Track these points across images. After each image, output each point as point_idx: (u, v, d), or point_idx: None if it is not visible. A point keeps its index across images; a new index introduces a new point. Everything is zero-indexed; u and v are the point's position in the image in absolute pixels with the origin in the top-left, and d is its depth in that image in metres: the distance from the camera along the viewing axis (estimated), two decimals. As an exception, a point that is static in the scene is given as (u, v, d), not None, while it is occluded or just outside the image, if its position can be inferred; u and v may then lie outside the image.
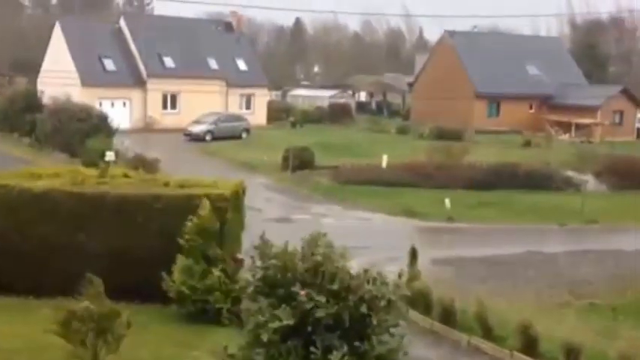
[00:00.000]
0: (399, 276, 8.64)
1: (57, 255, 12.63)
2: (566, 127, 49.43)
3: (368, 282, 7.22)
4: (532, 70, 55.66)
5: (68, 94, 39.43)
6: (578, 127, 49.19)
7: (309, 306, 6.93)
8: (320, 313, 6.92)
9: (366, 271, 7.36)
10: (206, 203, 12.24)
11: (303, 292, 7.01)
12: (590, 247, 22.78)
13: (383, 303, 7.14)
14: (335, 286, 7.07)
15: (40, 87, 47.20)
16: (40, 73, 51.41)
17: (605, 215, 26.74)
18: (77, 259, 12.27)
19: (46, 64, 50.97)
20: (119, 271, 11.90)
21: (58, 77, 45.28)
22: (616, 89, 52.88)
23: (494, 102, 53.42)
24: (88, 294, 9.48)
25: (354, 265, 7.48)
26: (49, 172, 14.02)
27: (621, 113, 51.98)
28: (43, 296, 11.99)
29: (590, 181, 31.73)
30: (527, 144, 42.72)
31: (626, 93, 52.51)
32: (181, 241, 12.10)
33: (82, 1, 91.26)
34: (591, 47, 71.01)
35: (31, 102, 39.53)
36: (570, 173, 32.62)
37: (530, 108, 54.11)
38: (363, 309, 7.03)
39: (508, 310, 14.02)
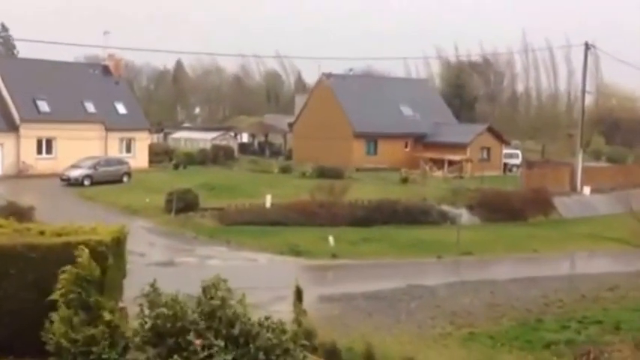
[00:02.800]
0: (299, 324, 8.60)
1: None
2: (439, 163, 52.19)
3: (267, 330, 7.23)
4: (406, 110, 58.58)
5: None
6: (450, 163, 52.10)
7: (202, 355, 6.82)
8: (218, 358, 6.83)
9: (267, 318, 7.39)
10: (85, 252, 11.93)
11: (198, 342, 6.90)
12: (467, 277, 24.12)
13: (279, 351, 7.16)
14: (235, 332, 7.03)
15: None
16: None
17: (478, 246, 28.45)
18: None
19: None
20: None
21: None
22: (483, 127, 56.62)
23: (372, 141, 55.56)
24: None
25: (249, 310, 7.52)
26: None
27: (488, 150, 55.65)
28: None
29: (463, 215, 33.74)
30: (405, 180, 44.60)
31: (491, 130, 56.35)
32: (60, 291, 11.68)
33: None
34: (460, 87, 76.08)
35: None
36: (445, 207, 34.47)
37: (406, 146, 56.70)
38: (261, 357, 7.02)
39: (393, 344, 14.52)
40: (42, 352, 11.64)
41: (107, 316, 11.79)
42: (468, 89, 78.06)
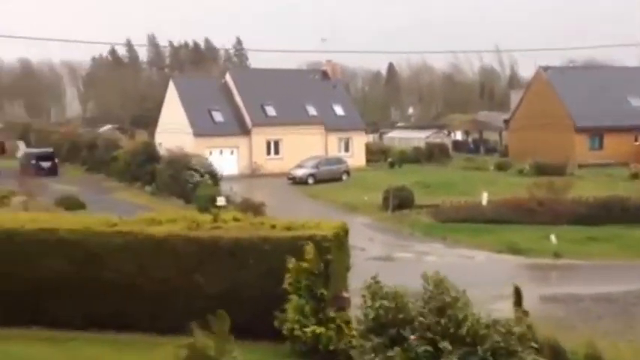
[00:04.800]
0: (524, 325, 8.22)
1: (177, 296, 13.61)
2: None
3: (496, 331, 7.08)
4: (635, 101, 53.53)
5: (182, 144, 42.18)
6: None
7: (420, 350, 6.88)
8: None
9: (496, 321, 7.23)
10: (311, 246, 12.82)
11: (413, 337, 6.97)
12: None
13: (506, 353, 6.99)
14: (463, 332, 6.91)
15: (157, 139, 50.78)
16: (157, 127, 55.40)
17: None
18: (196, 300, 13.24)
19: (163, 119, 54.91)
20: (232, 309, 12.72)
21: (173, 130, 48.56)
22: None
23: (597, 135, 51.71)
24: (214, 330, 10.23)
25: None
26: (168, 218, 15.09)
27: None
28: (166, 333, 13.03)
29: None
30: (635, 176, 40.92)
31: None
32: (289, 281, 12.69)
33: (190, 60, 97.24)
34: None
35: (150, 153, 42.53)
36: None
37: (636, 140, 51.89)
38: (489, 358, 6.87)
39: (626, 351, 13.54)
40: (275, 336, 12.81)
41: (332, 313, 12.63)
42: None
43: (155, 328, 13.41)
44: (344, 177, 45.58)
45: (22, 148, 60.20)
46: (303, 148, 48.70)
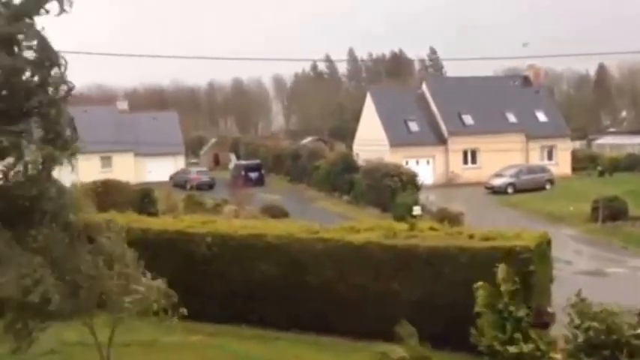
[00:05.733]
0: None
1: (374, 302, 13.88)
2: None
3: None
4: None
5: (379, 155, 42.99)
6: None
7: None
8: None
9: None
10: (503, 267, 12.35)
11: None
12: None
13: None
14: None
15: (355, 150, 52.39)
16: (355, 138, 57.15)
17: None
18: (392, 306, 13.42)
19: (360, 130, 56.50)
20: (427, 318, 12.71)
21: (370, 141, 49.77)
22: None
23: None
24: (403, 338, 10.36)
25: None
26: (366, 226, 15.50)
27: None
28: (363, 338, 13.36)
29: None
30: None
31: None
32: (483, 295, 12.29)
33: (387, 71, 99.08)
34: None
35: (349, 164, 43.88)
36: None
37: None
38: None
39: None
40: (473, 349, 12.49)
41: (531, 322, 12.04)
42: None
43: (353, 332, 13.83)
44: (547, 186, 43.25)
45: (233, 160, 65.53)
46: (501, 156, 47.05)
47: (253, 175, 52.04)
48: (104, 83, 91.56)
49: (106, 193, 27.70)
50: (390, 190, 35.53)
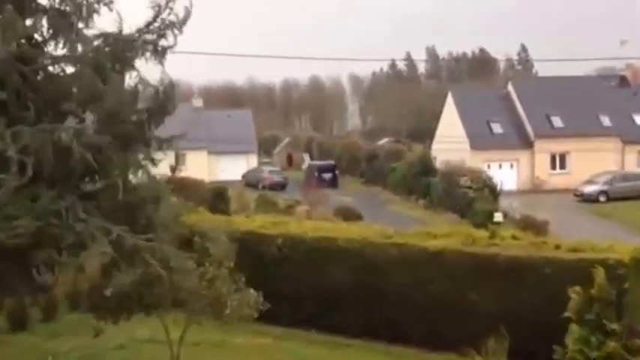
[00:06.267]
0: None
1: (450, 311, 13.22)
2: None
3: None
4: None
5: (459, 158, 41.71)
6: None
7: None
8: None
9: None
10: (600, 271, 11.45)
11: None
12: None
13: None
14: None
15: (433, 152, 51.18)
16: (433, 140, 55.81)
17: None
18: (469, 318, 12.70)
19: (439, 131, 55.17)
20: (509, 332, 11.91)
21: (450, 142, 48.40)
22: None
23: None
24: (489, 352, 9.68)
25: None
26: (443, 232, 14.84)
27: None
28: (437, 350, 12.71)
29: None
30: None
31: None
32: (573, 310, 11.47)
33: (469, 71, 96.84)
34: None
35: (426, 167, 42.75)
36: None
37: None
38: None
39: None
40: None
41: (621, 339, 11.08)
42: None
43: (426, 342, 13.25)
44: (646, 195, 40.60)
45: (306, 161, 65.35)
46: (594, 162, 44.69)
47: (327, 176, 51.72)
48: (179, 79, 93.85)
49: (181, 191, 28.00)
50: (469, 195, 34.30)
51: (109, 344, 12.82)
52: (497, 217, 26.91)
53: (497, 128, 49.61)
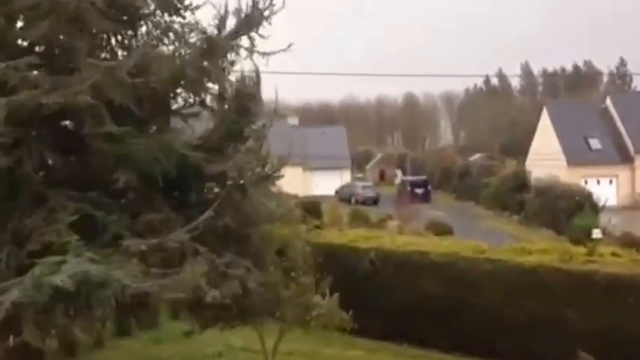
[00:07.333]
0: None
1: (545, 329, 12.92)
2: None
3: None
4: None
5: (554, 173, 40.49)
6: None
7: None
8: None
9: None
10: None
11: None
12: None
13: None
14: None
15: (528, 168, 49.90)
16: (528, 155, 54.42)
17: None
18: (564, 335, 12.38)
19: (534, 146, 53.78)
20: (606, 352, 11.52)
21: (545, 158, 47.08)
22: None
23: None
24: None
25: None
26: (539, 248, 14.52)
27: None
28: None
29: None
30: None
31: None
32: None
33: (567, 85, 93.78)
34: None
35: (520, 182, 41.78)
36: None
37: None
38: None
39: None
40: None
41: None
42: None
43: (519, 359, 12.91)
44: None
45: (399, 176, 65.39)
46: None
47: (419, 191, 51.51)
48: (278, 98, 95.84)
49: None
50: (566, 210, 33.17)
51: (207, 351, 13.27)
52: (596, 233, 25.79)
53: (595, 144, 47.86)
